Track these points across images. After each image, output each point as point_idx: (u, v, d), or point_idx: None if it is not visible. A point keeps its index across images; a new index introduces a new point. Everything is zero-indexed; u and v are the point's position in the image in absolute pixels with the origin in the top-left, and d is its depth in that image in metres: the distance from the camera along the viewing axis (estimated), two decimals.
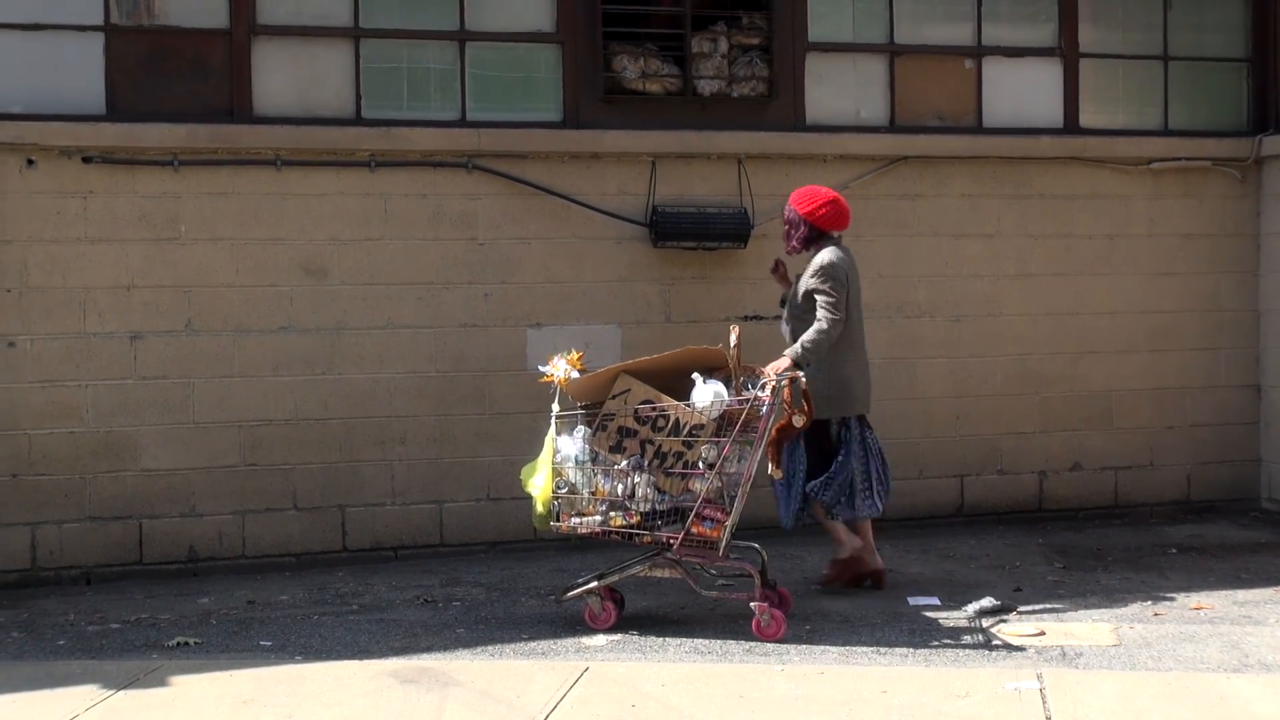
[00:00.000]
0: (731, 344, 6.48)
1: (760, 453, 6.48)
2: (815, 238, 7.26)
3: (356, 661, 6.20)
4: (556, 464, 6.55)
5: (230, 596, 7.49)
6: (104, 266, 7.89)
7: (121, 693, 5.79)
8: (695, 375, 6.51)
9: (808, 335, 6.98)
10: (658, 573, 6.57)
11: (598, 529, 6.51)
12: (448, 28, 8.43)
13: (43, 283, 7.82)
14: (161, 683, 5.91)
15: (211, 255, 8.04)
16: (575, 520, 6.54)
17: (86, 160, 7.85)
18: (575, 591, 6.68)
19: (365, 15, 8.31)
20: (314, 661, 6.22)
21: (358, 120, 8.28)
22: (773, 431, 6.50)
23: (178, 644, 6.54)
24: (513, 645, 6.42)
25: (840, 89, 9.04)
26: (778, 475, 6.73)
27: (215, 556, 8.07)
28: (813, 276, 7.10)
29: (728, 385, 6.49)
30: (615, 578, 6.64)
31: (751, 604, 6.42)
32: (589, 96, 8.56)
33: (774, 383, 6.45)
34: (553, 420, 6.65)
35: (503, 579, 7.79)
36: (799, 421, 6.48)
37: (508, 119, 8.49)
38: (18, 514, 7.80)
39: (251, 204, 8.09)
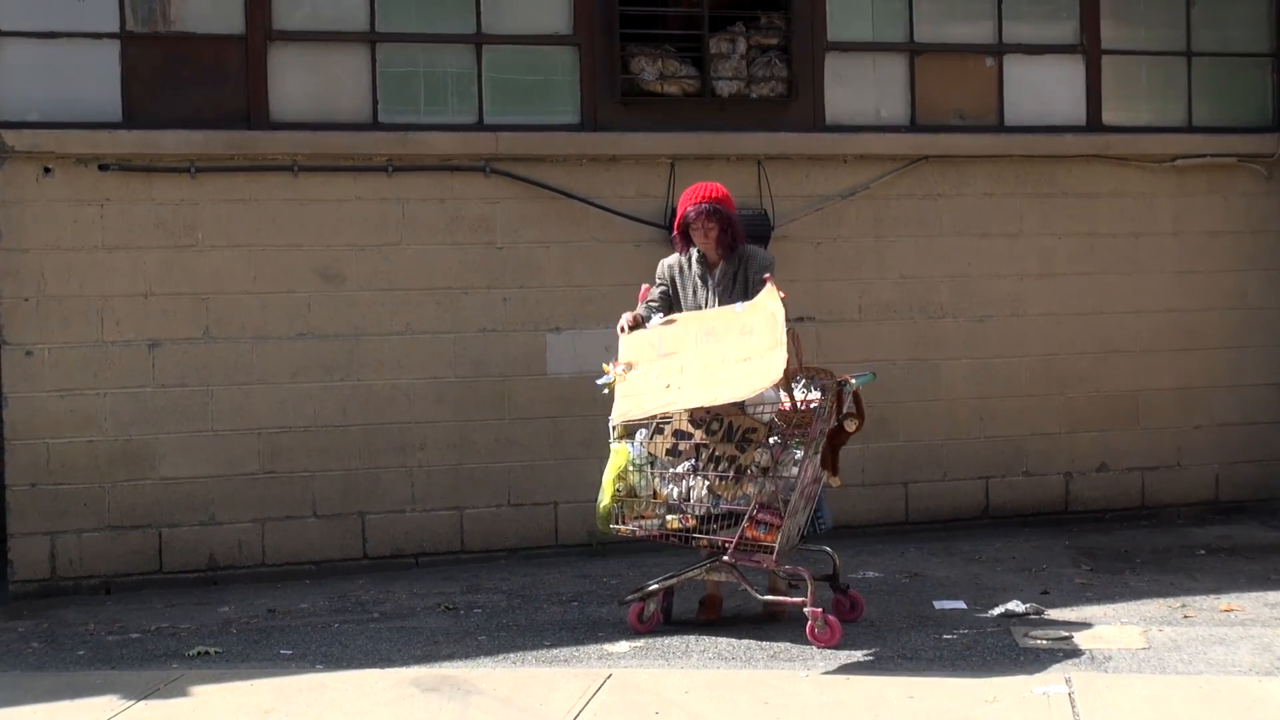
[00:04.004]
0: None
1: (816, 457, 6.44)
2: None
3: (378, 670, 6.18)
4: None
5: (250, 605, 7.48)
6: (121, 274, 7.90)
7: (142, 703, 5.78)
8: None
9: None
10: (715, 576, 6.56)
11: (656, 532, 6.49)
12: (464, 31, 8.42)
13: (60, 291, 7.83)
14: (182, 693, 5.90)
15: (229, 262, 8.04)
16: (635, 524, 6.52)
17: (103, 168, 7.86)
18: (637, 594, 6.68)
19: (381, 20, 8.30)
20: (335, 670, 6.20)
21: (375, 125, 8.27)
22: (825, 436, 6.46)
23: (198, 653, 6.52)
24: (535, 652, 6.39)
25: (860, 89, 9.01)
26: (836, 483, 6.67)
27: (235, 565, 8.07)
28: (762, 270, 6.71)
29: (785, 389, 6.41)
30: (675, 581, 6.64)
31: (805, 609, 6.38)
32: (607, 98, 8.54)
33: (833, 385, 6.38)
34: (611, 426, 6.61)
35: (524, 585, 7.77)
36: (851, 426, 6.42)
37: (525, 122, 8.48)
38: (37, 523, 7.81)
39: (269, 210, 8.09)
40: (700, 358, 6.35)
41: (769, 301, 6.30)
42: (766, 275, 6.46)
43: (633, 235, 8.55)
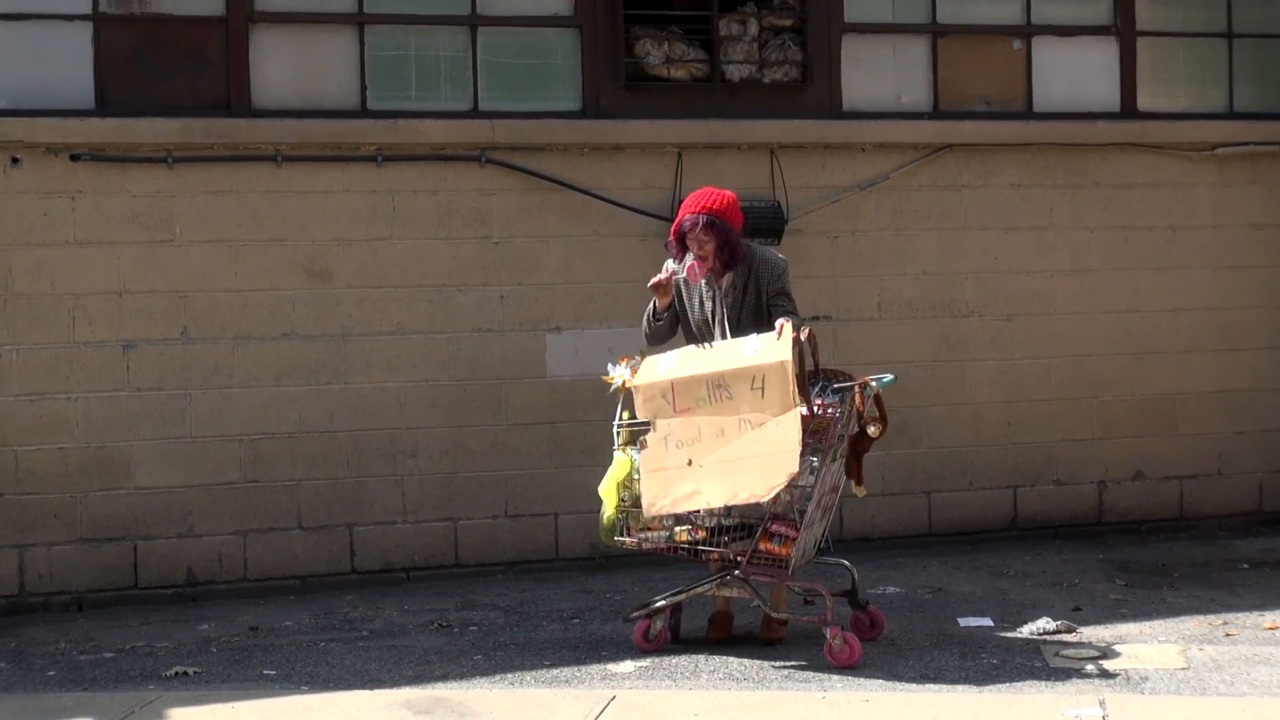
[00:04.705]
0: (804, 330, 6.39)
1: (836, 465, 6.42)
2: None
3: (367, 691, 6.17)
4: (627, 426, 6.49)
5: (231, 622, 7.48)
6: (94, 271, 7.90)
7: None
8: None
9: (794, 320, 6.71)
10: (726, 592, 6.56)
11: (663, 545, 6.48)
12: (458, 12, 8.42)
13: (29, 289, 7.83)
14: (158, 715, 5.89)
15: (208, 258, 8.04)
16: (641, 535, 6.51)
17: (75, 158, 7.86)
18: (643, 611, 6.66)
19: (370, 0, 8.30)
20: (321, 692, 6.19)
21: (363, 112, 8.28)
22: (845, 443, 6.44)
23: (176, 674, 6.52)
24: (534, 673, 6.39)
25: (879, 73, 9.01)
26: (861, 493, 6.65)
27: (215, 580, 8.07)
28: (776, 280, 6.65)
29: (802, 393, 6.37)
30: (684, 597, 6.63)
31: (824, 628, 6.36)
32: (610, 84, 8.54)
33: (853, 388, 6.36)
34: (615, 430, 6.59)
35: (522, 601, 7.77)
36: (874, 431, 6.41)
37: (523, 109, 8.48)
38: (5, 536, 7.81)
39: (250, 203, 8.09)
40: (715, 419, 6.32)
41: (780, 347, 6.26)
42: (781, 321, 6.39)
43: (637, 229, 8.55)
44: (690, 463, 6.31)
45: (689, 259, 6.67)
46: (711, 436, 6.30)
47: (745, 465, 6.22)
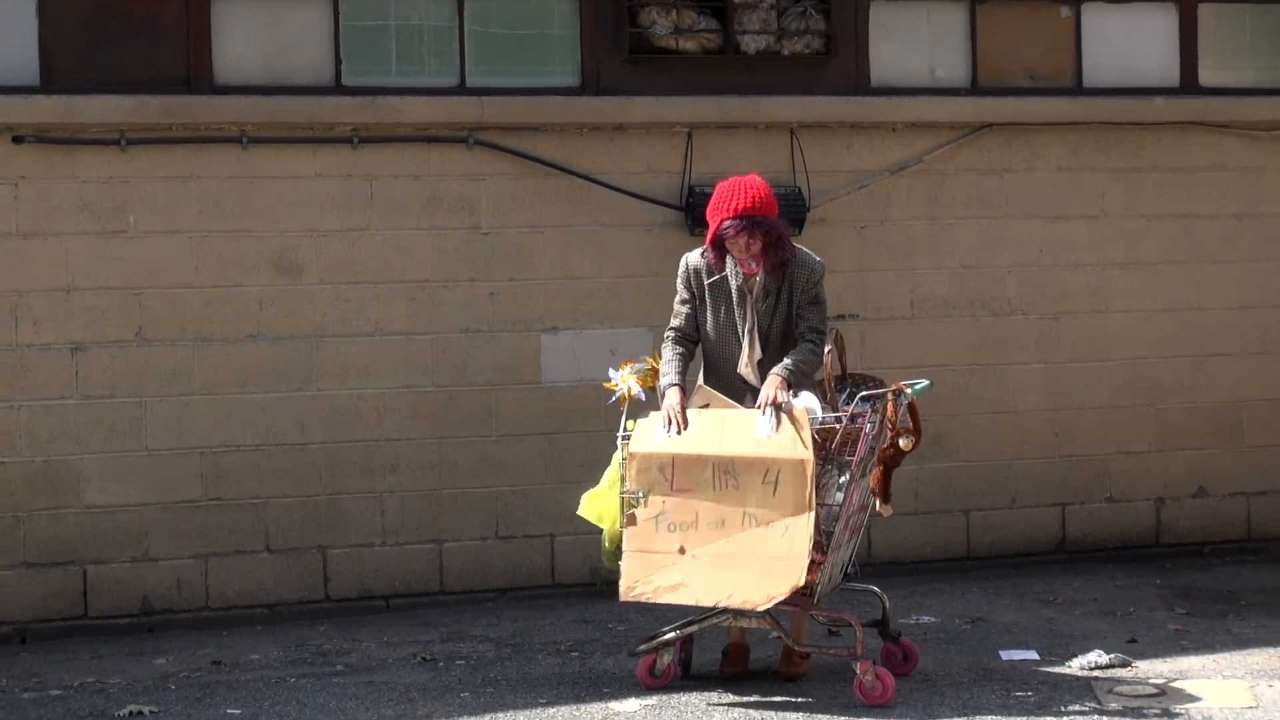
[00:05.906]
0: (825, 349, 6.39)
1: (865, 481, 6.41)
2: None
3: None
4: (625, 493, 6.48)
5: (192, 656, 7.48)
6: (39, 265, 7.90)
7: None
8: None
9: (804, 355, 6.51)
10: (742, 622, 6.53)
11: None
12: None
13: None
14: None
15: (166, 251, 8.05)
16: None
17: (17, 140, 7.86)
18: (650, 643, 6.63)
19: None
20: None
21: (337, 89, 8.29)
22: (876, 457, 6.43)
23: (130, 713, 6.51)
24: (527, 712, 6.38)
25: (911, 44, 9.02)
26: (887, 512, 6.64)
27: (174, 608, 8.07)
28: (812, 286, 6.58)
29: (824, 399, 6.38)
30: (695, 628, 6.61)
31: (853, 662, 6.34)
32: (612, 57, 8.54)
33: (890, 395, 6.35)
34: (619, 441, 6.57)
35: (515, 633, 7.77)
36: (906, 444, 6.40)
37: (516, 85, 8.49)
38: None
39: (213, 189, 8.10)
40: (716, 506, 6.30)
41: (798, 442, 6.21)
42: (783, 397, 6.29)
43: (642, 218, 8.55)
44: (682, 550, 6.30)
45: (730, 265, 6.59)
46: (709, 525, 6.29)
47: (744, 565, 6.22)
